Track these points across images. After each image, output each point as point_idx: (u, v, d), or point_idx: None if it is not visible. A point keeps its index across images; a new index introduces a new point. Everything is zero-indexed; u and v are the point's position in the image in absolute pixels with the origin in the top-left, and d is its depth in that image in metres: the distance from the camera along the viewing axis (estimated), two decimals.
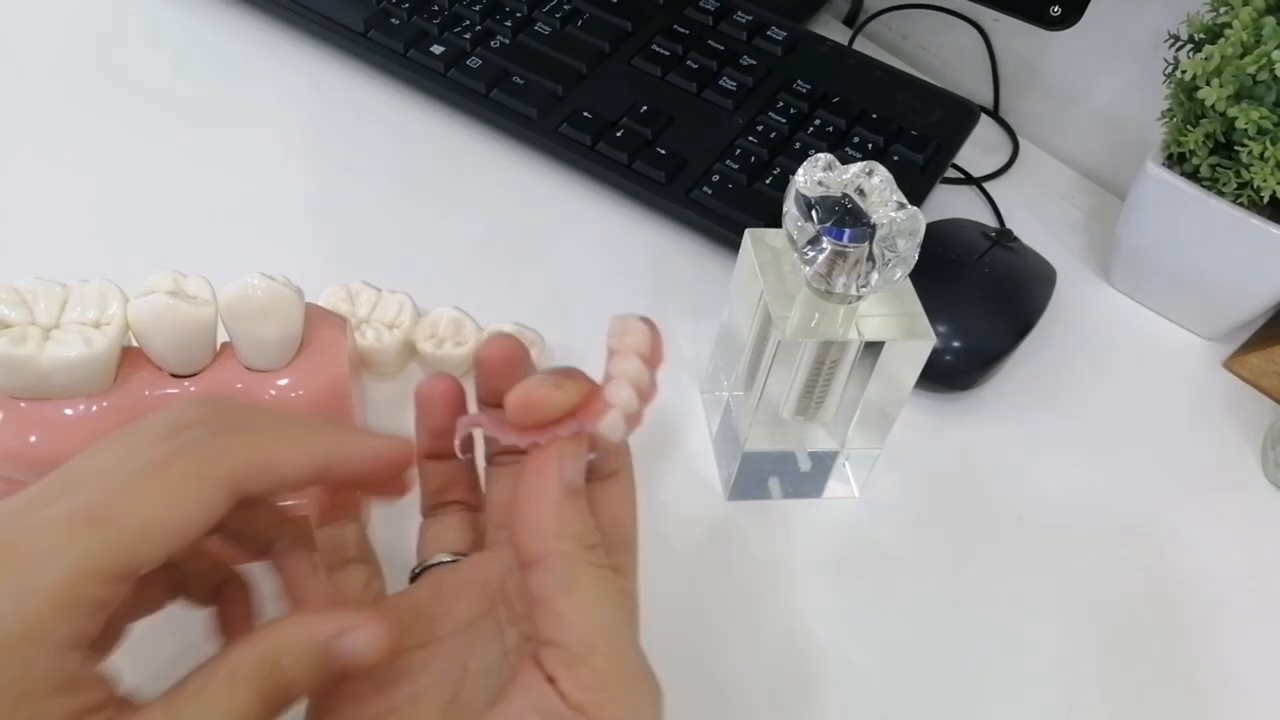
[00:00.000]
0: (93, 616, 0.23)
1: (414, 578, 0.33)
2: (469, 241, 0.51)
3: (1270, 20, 0.42)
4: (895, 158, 0.54)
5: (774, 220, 0.37)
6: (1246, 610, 0.42)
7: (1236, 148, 0.45)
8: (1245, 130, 0.44)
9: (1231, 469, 0.47)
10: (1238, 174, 0.46)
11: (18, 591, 0.22)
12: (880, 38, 0.69)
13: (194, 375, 0.34)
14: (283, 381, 0.34)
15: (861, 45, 0.67)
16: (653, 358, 0.28)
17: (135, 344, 0.33)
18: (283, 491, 0.26)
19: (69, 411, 0.32)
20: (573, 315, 0.48)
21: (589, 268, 0.51)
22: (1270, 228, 0.46)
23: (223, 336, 0.34)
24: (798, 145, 0.54)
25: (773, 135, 0.54)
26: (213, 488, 0.24)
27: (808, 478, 0.43)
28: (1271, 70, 0.42)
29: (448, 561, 0.32)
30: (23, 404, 0.32)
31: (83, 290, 0.32)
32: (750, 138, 0.54)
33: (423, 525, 0.34)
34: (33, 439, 0.32)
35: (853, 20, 0.70)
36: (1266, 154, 0.44)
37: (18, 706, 0.22)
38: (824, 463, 0.43)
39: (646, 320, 0.28)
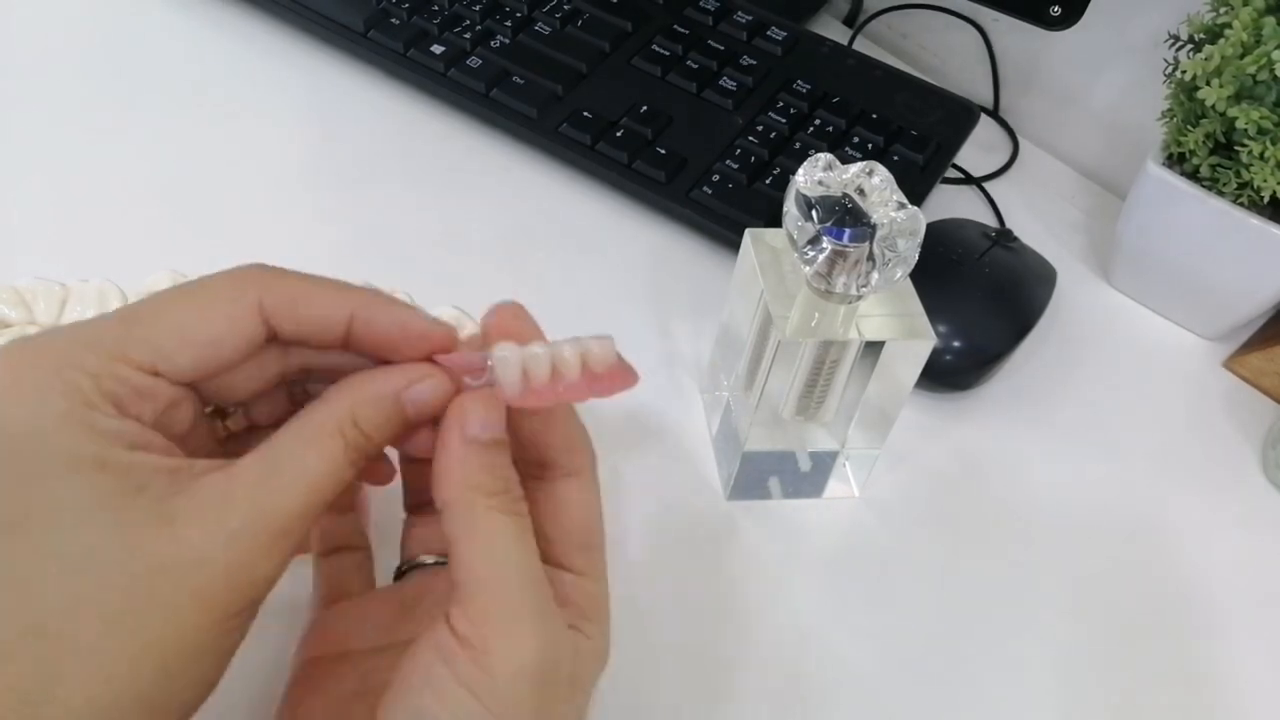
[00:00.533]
0: (139, 401, 0.24)
1: (399, 575, 0.33)
2: (468, 241, 0.51)
3: (1270, 20, 0.42)
4: (895, 158, 0.54)
5: (774, 220, 0.37)
6: (1247, 610, 0.42)
7: (1236, 148, 0.45)
8: (1245, 130, 0.44)
9: (1231, 469, 0.47)
10: (1238, 174, 0.46)
11: (66, 368, 0.24)
12: (880, 38, 0.69)
13: None
14: None
15: (861, 45, 0.67)
16: (601, 379, 0.29)
17: None
18: (314, 338, 0.27)
19: None
20: (572, 315, 0.48)
21: (588, 267, 0.51)
22: (1270, 228, 0.46)
23: None
24: (798, 145, 0.54)
25: (773, 135, 0.54)
26: (243, 307, 0.26)
27: (808, 478, 0.43)
28: (1271, 70, 0.42)
29: (431, 564, 0.33)
30: None
31: (82, 290, 0.32)
32: (750, 137, 0.54)
33: (406, 522, 0.34)
34: None
35: (853, 20, 0.70)
36: (1267, 154, 0.44)
37: (102, 465, 0.23)
38: (824, 463, 0.43)
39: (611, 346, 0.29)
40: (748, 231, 0.39)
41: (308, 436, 0.26)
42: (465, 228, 0.52)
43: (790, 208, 0.35)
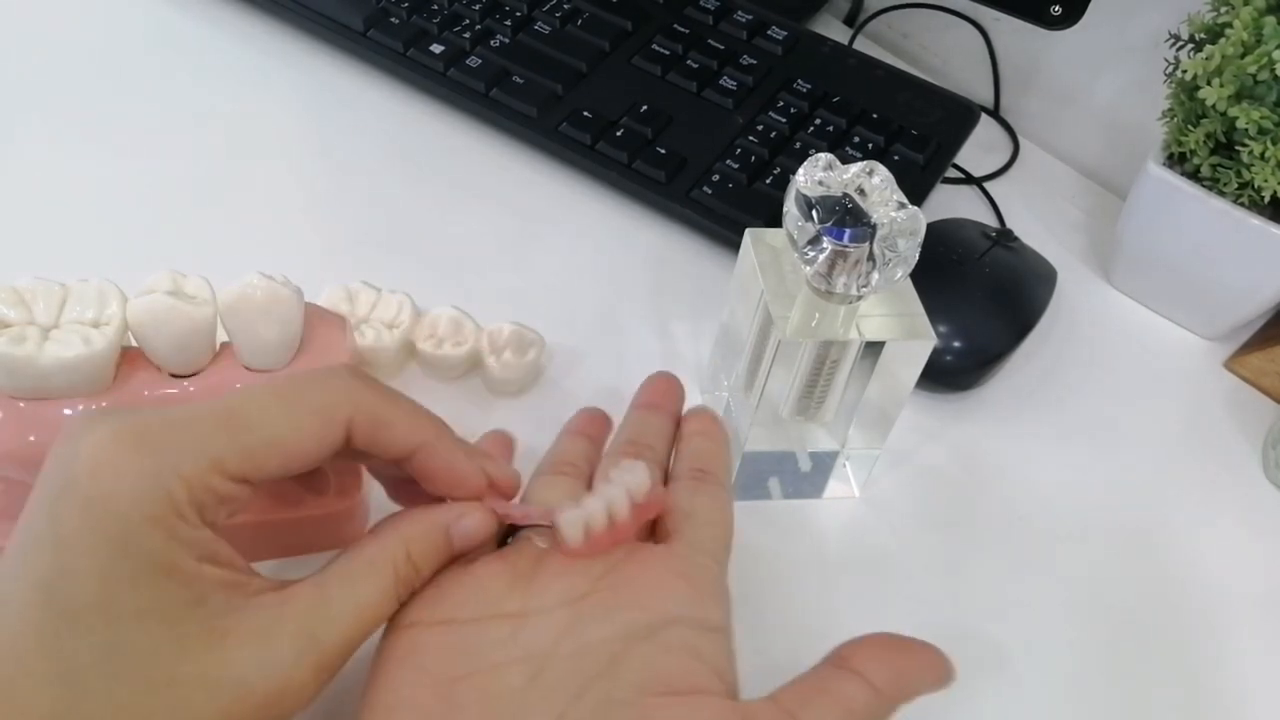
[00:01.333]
0: (219, 507, 0.25)
1: (502, 541, 0.32)
2: (468, 241, 0.51)
3: (1271, 20, 0.42)
4: (896, 157, 0.54)
5: (774, 220, 0.37)
6: (1247, 610, 0.42)
7: (1237, 147, 0.45)
8: (1246, 130, 0.44)
9: (1232, 469, 0.47)
10: (1238, 174, 0.46)
11: (164, 471, 0.24)
12: (881, 37, 0.69)
13: (193, 375, 0.33)
14: None
15: (862, 45, 0.67)
16: (644, 508, 0.31)
17: (135, 344, 0.33)
18: (385, 453, 0.29)
19: (68, 411, 0.32)
20: (572, 315, 0.48)
21: (588, 267, 0.51)
22: (1271, 227, 0.46)
23: (222, 336, 0.34)
24: (798, 145, 0.54)
25: (773, 135, 0.54)
26: (333, 424, 0.27)
27: (808, 478, 0.43)
28: (1272, 70, 0.42)
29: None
30: (22, 404, 0.31)
31: (82, 290, 0.32)
32: (750, 137, 0.54)
33: (534, 481, 0.34)
34: (32, 438, 0.31)
35: (853, 20, 0.70)
36: (1267, 154, 0.44)
37: (173, 571, 0.24)
38: (824, 463, 0.43)
39: (653, 477, 0.31)
40: (748, 231, 0.39)
41: (361, 569, 0.27)
42: (465, 227, 0.51)
43: (790, 207, 0.35)
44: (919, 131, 0.55)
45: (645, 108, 0.54)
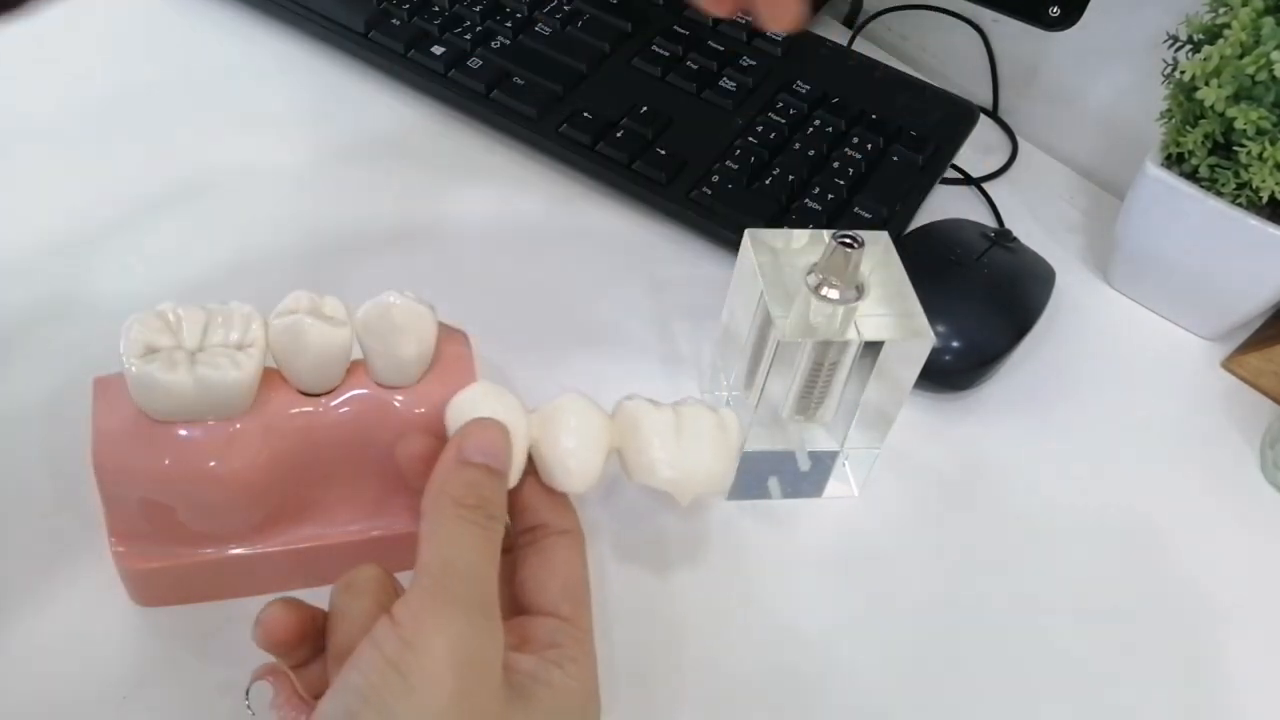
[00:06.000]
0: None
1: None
2: (468, 242, 0.51)
3: (1269, 21, 0.42)
4: (895, 158, 0.54)
5: (774, 220, 0.37)
6: (1246, 610, 0.42)
7: (1235, 148, 0.46)
8: (1244, 131, 0.44)
9: (1230, 469, 0.48)
10: (1236, 174, 0.46)
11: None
12: (880, 38, 0.69)
13: (326, 394, 0.33)
14: (415, 397, 0.34)
15: (861, 46, 0.67)
16: None
17: (273, 364, 0.33)
18: None
19: (205, 433, 0.32)
20: (573, 316, 0.48)
21: (589, 268, 0.51)
22: (1269, 228, 0.46)
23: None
24: (797, 146, 0.54)
25: (772, 136, 0.54)
26: None
27: (807, 477, 0.43)
28: (1270, 71, 0.42)
29: None
30: (161, 425, 0.32)
31: (225, 313, 0.32)
32: (750, 138, 0.54)
33: None
34: (167, 461, 0.32)
35: (852, 21, 0.70)
36: (1265, 154, 0.44)
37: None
38: (824, 462, 0.43)
39: None
40: (747, 232, 0.39)
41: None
42: (465, 229, 0.52)
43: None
44: (918, 132, 0.55)
45: (645, 109, 0.54)
